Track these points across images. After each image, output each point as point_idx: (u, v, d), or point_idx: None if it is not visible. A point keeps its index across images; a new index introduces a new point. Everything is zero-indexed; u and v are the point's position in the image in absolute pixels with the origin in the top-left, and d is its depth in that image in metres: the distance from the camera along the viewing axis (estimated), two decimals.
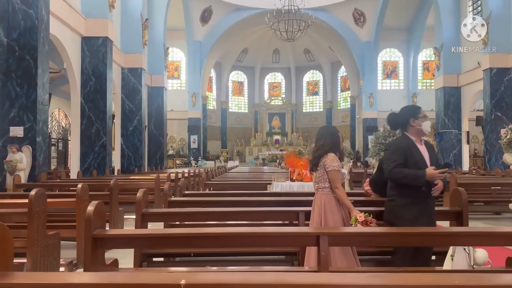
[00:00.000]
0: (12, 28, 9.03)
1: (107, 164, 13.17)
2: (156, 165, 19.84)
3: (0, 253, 1.65)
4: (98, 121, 12.99)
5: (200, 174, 11.39)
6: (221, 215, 4.00)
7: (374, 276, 1.51)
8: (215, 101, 35.46)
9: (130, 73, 16.94)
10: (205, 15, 27.57)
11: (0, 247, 1.66)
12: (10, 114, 8.99)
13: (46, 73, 9.61)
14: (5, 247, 1.68)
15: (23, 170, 8.60)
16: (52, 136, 19.30)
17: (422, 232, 2.67)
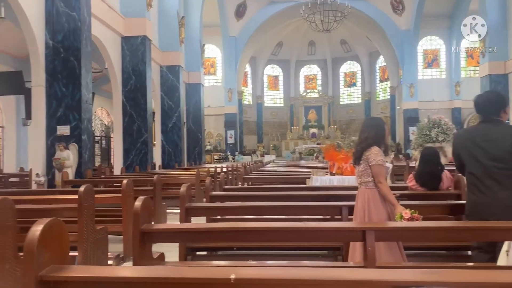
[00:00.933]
0: (56, 30, 9.41)
1: (149, 160, 13.52)
2: (194, 160, 20.17)
3: (58, 247, 1.72)
4: (139, 119, 13.34)
5: (239, 169, 11.48)
6: (261, 210, 4.01)
7: (429, 272, 1.46)
8: (250, 96, 35.54)
9: (169, 71, 17.27)
10: (240, 10, 27.61)
11: (58, 241, 1.73)
12: (57, 114, 9.39)
13: (89, 73, 9.96)
14: (62, 241, 1.76)
15: (70, 167, 8.98)
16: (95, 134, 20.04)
17: (478, 227, 2.55)
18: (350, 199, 3.75)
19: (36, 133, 9.53)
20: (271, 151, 33.78)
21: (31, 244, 1.62)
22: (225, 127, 29.21)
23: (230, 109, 29.02)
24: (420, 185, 4.32)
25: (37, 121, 9.50)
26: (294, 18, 27.90)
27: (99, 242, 4.13)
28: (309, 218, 4.20)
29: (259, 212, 4.07)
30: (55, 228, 1.74)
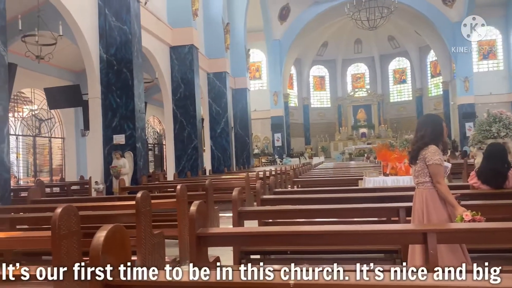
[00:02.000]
0: (109, 44, 9.87)
1: (200, 165, 13.83)
2: (243, 164, 20.37)
3: (121, 252, 1.79)
4: (189, 125, 13.69)
5: (288, 172, 11.42)
6: (313, 213, 3.96)
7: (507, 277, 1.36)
8: (296, 98, 35.36)
9: (215, 78, 17.60)
10: (283, 13, 27.62)
11: (121, 246, 1.80)
12: (113, 124, 9.84)
13: (141, 83, 10.35)
14: (124, 246, 1.82)
15: (126, 174, 9.36)
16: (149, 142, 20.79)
17: None
18: (407, 200, 3.61)
19: (94, 143, 10.03)
20: (319, 152, 33.38)
21: (96, 250, 1.69)
22: (272, 130, 29.26)
23: (276, 112, 29.05)
24: (482, 182, 4.07)
25: (94, 131, 10.00)
26: (338, 17, 27.49)
27: (156, 246, 4.26)
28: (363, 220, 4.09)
29: (311, 215, 4.02)
30: (117, 233, 1.81)
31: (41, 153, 15.23)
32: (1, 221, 4.21)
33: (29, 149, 14.69)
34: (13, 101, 13.00)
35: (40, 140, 15.01)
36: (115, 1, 9.79)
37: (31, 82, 13.51)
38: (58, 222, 2.69)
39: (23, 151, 14.49)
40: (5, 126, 5.78)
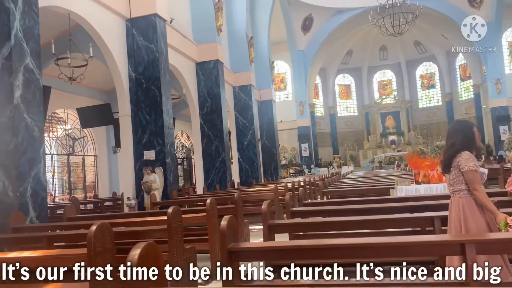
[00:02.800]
0: (138, 63, 10.14)
1: (228, 178, 13.90)
2: (271, 176, 20.33)
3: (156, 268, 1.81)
4: (216, 139, 13.83)
5: (316, 182, 11.32)
6: (344, 224, 3.89)
7: None
8: (322, 108, 35.17)
9: (241, 91, 17.77)
10: (306, 23, 27.69)
11: (154, 263, 1.82)
12: (143, 140, 10.05)
13: (169, 100, 10.56)
14: (158, 263, 1.85)
15: (157, 189, 9.51)
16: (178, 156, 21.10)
17: None
18: (441, 209, 3.51)
19: (125, 159, 10.26)
20: (348, 162, 32.96)
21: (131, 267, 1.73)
22: (299, 140, 29.16)
23: (302, 122, 28.97)
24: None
25: (125, 148, 10.24)
26: (362, 25, 27.32)
27: (188, 261, 4.29)
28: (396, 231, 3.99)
29: (342, 227, 3.96)
30: (151, 251, 1.84)
31: (75, 171, 15.69)
32: (39, 239, 4.34)
33: (63, 167, 15.18)
34: (47, 121, 13.51)
35: (74, 158, 15.49)
36: (142, 21, 10.08)
37: (65, 102, 14.01)
38: (93, 239, 2.76)
39: (58, 170, 14.98)
40: (41, 147, 6.01)
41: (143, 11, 10.06)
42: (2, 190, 5.40)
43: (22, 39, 5.75)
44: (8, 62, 5.55)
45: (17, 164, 5.45)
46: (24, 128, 5.61)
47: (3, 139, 5.49)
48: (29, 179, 5.60)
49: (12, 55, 5.58)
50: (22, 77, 5.68)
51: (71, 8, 8.24)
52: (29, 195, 5.54)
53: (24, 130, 5.61)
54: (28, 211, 5.51)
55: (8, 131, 5.49)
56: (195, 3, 14.33)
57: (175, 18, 12.38)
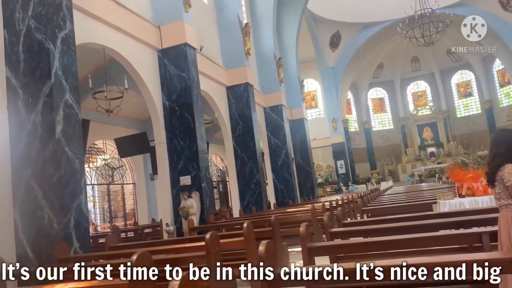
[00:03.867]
0: (171, 91, 10.41)
1: (263, 200, 13.85)
2: (307, 195, 20.08)
3: None
4: (250, 161, 13.88)
5: (355, 200, 11.06)
6: (387, 244, 3.75)
7: None
8: (356, 123, 34.71)
9: (272, 111, 17.85)
10: (334, 40, 27.72)
11: None
12: (179, 166, 10.22)
13: (202, 125, 10.73)
14: None
15: (194, 214, 9.58)
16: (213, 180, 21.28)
17: None
18: (489, 223, 3.33)
19: (162, 186, 10.44)
20: (386, 177, 32.11)
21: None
22: (334, 157, 28.78)
23: (336, 139, 28.65)
24: None
25: (162, 175, 10.43)
26: (391, 37, 27.05)
27: (228, 287, 4.25)
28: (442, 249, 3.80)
29: (385, 247, 3.82)
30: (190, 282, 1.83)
31: (115, 199, 16.11)
32: None
33: (104, 197, 15.62)
34: (87, 153, 14.02)
35: (114, 187, 15.92)
36: (173, 51, 10.40)
37: (103, 134, 14.52)
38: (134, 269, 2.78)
39: (99, 199, 15.43)
40: (82, 178, 6.21)
41: (173, 41, 10.38)
42: (47, 222, 5.60)
43: (61, 76, 6.05)
44: (49, 99, 5.83)
45: (61, 196, 5.65)
46: (65, 161, 5.83)
47: (47, 173, 5.73)
48: (72, 210, 5.78)
49: (53, 92, 5.86)
50: (63, 113, 5.94)
51: (105, 43, 8.62)
52: (72, 226, 5.71)
53: (65, 163, 5.83)
54: (72, 241, 5.67)
55: (51, 165, 5.72)
56: (223, 30, 14.68)
57: (204, 46, 12.70)
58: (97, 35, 8.31)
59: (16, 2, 6.15)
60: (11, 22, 6.14)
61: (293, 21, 21.01)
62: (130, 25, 9.34)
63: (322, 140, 28.61)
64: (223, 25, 14.71)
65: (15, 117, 5.97)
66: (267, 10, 18.12)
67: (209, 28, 14.19)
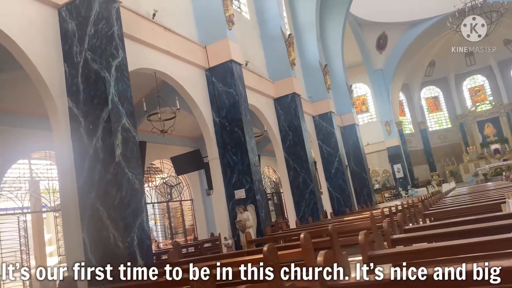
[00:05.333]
0: (220, 108, 10.65)
1: (319, 209, 13.66)
2: (365, 202, 19.55)
3: None
4: (302, 171, 13.79)
5: (416, 205, 10.62)
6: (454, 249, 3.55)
7: None
8: (411, 124, 33.46)
9: (321, 119, 17.68)
10: (381, 42, 27.09)
11: None
12: (232, 180, 10.37)
13: (252, 138, 10.85)
14: None
15: (251, 227, 9.64)
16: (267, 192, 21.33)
17: None
18: None
19: (218, 200, 10.63)
20: (448, 178, 30.55)
21: None
22: (390, 162, 27.86)
23: (391, 142, 27.76)
24: None
25: (217, 189, 10.64)
26: (441, 33, 25.99)
27: None
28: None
29: (452, 252, 3.61)
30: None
31: (175, 216, 16.60)
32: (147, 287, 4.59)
33: (164, 214, 16.14)
34: (146, 172, 14.61)
35: (173, 204, 16.42)
36: (220, 69, 10.66)
37: (159, 153, 15.08)
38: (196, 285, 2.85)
39: (160, 216, 15.97)
40: (142, 197, 6.48)
41: (219, 59, 10.66)
42: (113, 241, 5.88)
43: (117, 102, 6.39)
44: (108, 125, 6.18)
45: (124, 216, 5.92)
46: (126, 183, 6.12)
47: (110, 194, 6.04)
48: (135, 229, 6.04)
49: (111, 118, 6.21)
50: (121, 136, 6.26)
51: (156, 67, 9.02)
52: (136, 244, 5.96)
53: (126, 184, 6.12)
54: (136, 259, 5.91)
55: (113, 187, 6.03)
56: (266, 43, 14.84)
57: (249, 60, 12.90)
58: (148, 60, 8.72)
59: (73, 37, 6.62)
60: (70, 56, 6.61)
61: (337, 27, 20.81)
62: (178, 48, 9.72)
63: (376, 145, 27.85)
64: (266, 38, 14.88)
65: (78, 144, 6.38)
66: (310, 19, 18.10)
67: (253, 43, 14.40)
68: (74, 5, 6.66)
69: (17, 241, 10.39)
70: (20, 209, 10.75)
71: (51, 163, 11.49)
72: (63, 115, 6.48)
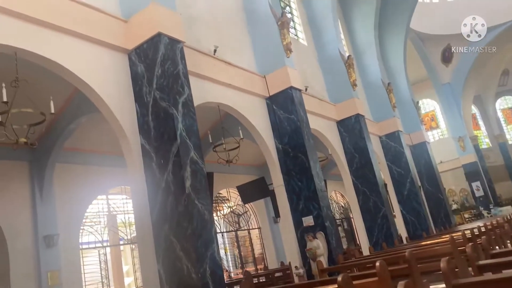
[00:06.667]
0: (282, 135, 10.69)
1: (393, 234, 13.00)
2: (443, 224, 18.31)
3: None
4: (372, 194, 13.29)
5: (501, 225, 9.74)
6: None
7: None
8: (487, 138, 31.20)
9: (389, 139, 17.07)
10: (446, 55, 25.93)
11: None
12: (299, 207, 10.23)
13: (316, 163, 10.71)
14: None
15: (322, 255, 9.37)
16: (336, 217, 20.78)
17: None
18: None
19: (286, 228, 10.52)
20: None
21: None
22: (467, 179, 26.03)
23: (466, 158, 26.01)
24: None
25: (284, 217, 10.54)
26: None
27: None
28: None
29: None
30: None
31: (244, 245, 16.66)
32: None
33: (233, 243, 16.28)
34: (214, 202, 14.93)
35: (241, 233, 16.54)
36: (280, 96, 10.77)
37: (226, 183, 15.39)
38: None
39: (229, 245, 16.12)
40: (212, 228, 6.59)
41: (279, 87, 10.79)
42: (186, 273, 6.00)
43: (185, 136, 6.66)
44: (177, 159, 6.44)
45: (195, 247, 6.05)
46: (197, 214, 6.28)
47: (182, 226, 6.22)
48: (207, 259, 6.13)
49: (180, 152, 6.47)
50: (190, 169, 6.48)
51: (219, 100, 9.33)
52: (208, 275, 6.03)
53: (197, 215, 6.27)
54: None
55: (184, 219, 6.21)
56: (325, 67, 14.81)
57: (309, 85, 12.92)
58: (211, 94, 9.06)
59: (143, 78, 7.07)
60: (140, 96, 7.05)
61: (398, 43, 20.28)
62: (239, 79, 10.01)
63: (450, 162, 26.25)
64: (325, 62, 14.85)
65: (151, 179, 6.69)
66: (369, 39, 17.84)
67: (312, 67, 14.44)
68: (142, 49, 7.15)
69: (98, 273, 10.99)
70: (100, 242, 11.42)
71: (126, 197, 12.17)
72: (136, 152, 6.87)
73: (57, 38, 6.36)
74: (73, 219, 10.37)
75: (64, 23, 6.39)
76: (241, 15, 11.56)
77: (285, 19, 11.31)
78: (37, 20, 6.08)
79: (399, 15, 19.92)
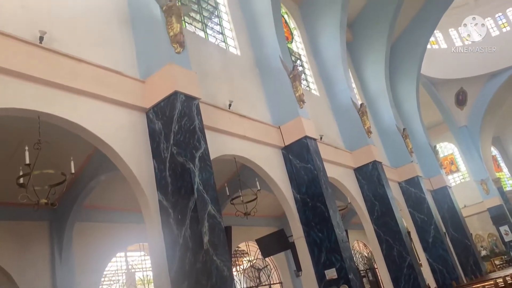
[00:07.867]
0: (300, 184, 10.60)
1: (421, 284, 12.40)
2: (473, 273, 17.43)
3: None
4: (396, 242, 12.85)
5: None
6: None
7: None
8: (511, 180, 30.33)
9: (408, 185, 16.76)
10: (460, 98, 25.97)
11: None
12: (321, 259, 9.91)
13: (336, 212, 10.50)
14: None
15: None
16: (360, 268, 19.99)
17: None
18: None
19: (308, 281, 10.12)
20: None
21: None
22: (494, 223, 25.06)
23: (491, 202, 25.20)
24: None
25: (306, 270, 10.19)
26: None
27: None
28: None
29: None
30: None
31: None
32: None
33: None
34: (233, 256, 14.58)
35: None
36: (295, 146, 10.81)
37: (244, 236, 15.11)
38: None
39: None
40: (232, 284, 6.40)
41: (294, 137, 10.86)
42: None
43: (202, 191, 6.66)
44: (195, 213, 6.40)
45: None
46: (215, 270, 6.13)
47: (201, 283, 6.06)
48: None
49: (197, 206, 6.44)
50: (207, 224, 6.42)
51: (235, 153, 9.40)
52: None
53: (215, 271, 6.12)
54: None
55: (203, 275, 6.06)
56: (339, 115, 14.95)
57: (324, 134, 12.98)
58: (227, 147, 9.16)
59: (160, 135, 7.23)
60: (158, 152, 7.17)
61: (410, 89, 20.48)
62: (254, 131, 10.14)
63: (475, 206, 25.45)
64: (338, 110, 15.01)
65: (169, 235, 6.63)
66: (381, 87, 18.08)
67: (325, 117, 14.58)
68: (160, 107, 7.37)
69: None
70: None
71: (145, 254, 12.02)
72: (154, 208, 6.87)
73: (78, 101, 6.61)
74: (92, 277, 10.23)
75: (84, 86, 6.67)
76: (254, 71, 11.92)
77: (296, 72, 11.62)
78: (59, 84, 6.33)
79: (409, 61, 20.28)
